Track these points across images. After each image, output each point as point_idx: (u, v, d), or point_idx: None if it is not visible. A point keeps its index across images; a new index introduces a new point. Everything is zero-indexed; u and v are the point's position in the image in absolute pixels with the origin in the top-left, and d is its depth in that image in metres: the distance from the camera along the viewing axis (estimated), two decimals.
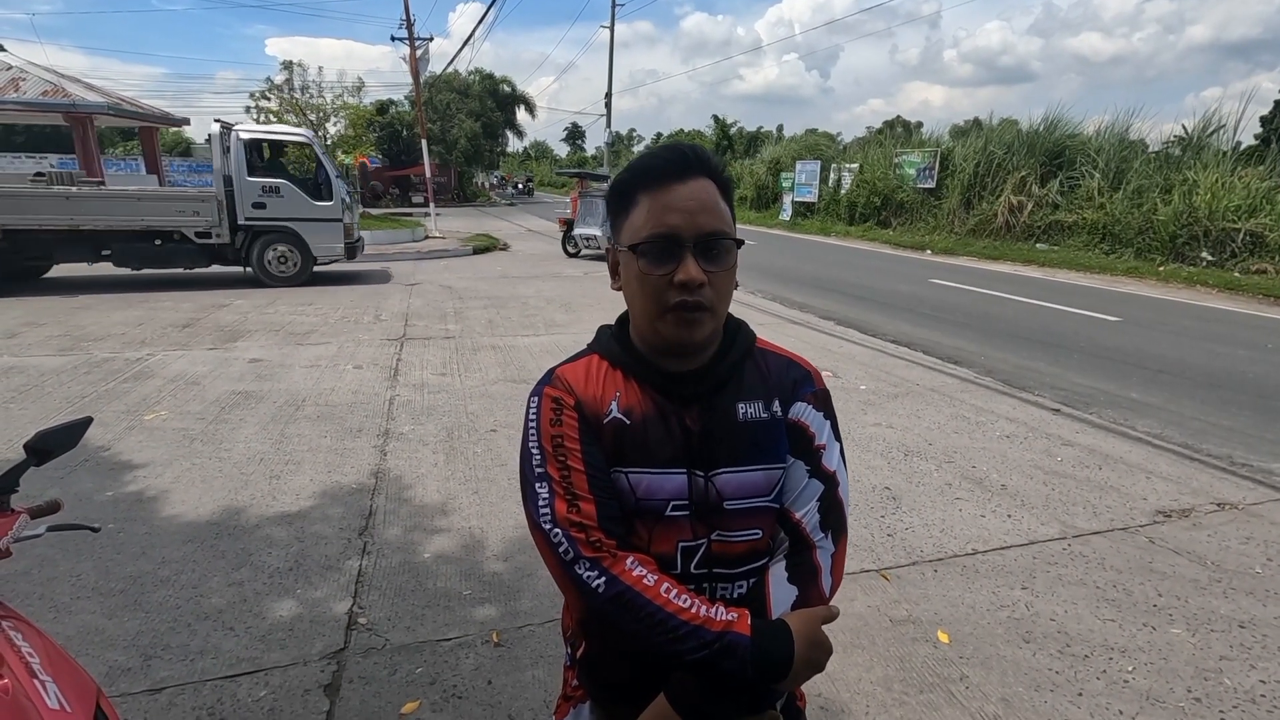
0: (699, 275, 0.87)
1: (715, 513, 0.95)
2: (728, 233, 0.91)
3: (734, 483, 0.95)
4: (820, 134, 30.83)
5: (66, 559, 2.79)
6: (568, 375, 0.97)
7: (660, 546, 0.94)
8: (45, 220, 9.24)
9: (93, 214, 9.39)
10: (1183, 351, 6.97)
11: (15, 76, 13.90)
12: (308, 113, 19.39)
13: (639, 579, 0.87)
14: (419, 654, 2.31)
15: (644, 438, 0.94)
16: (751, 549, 0.97)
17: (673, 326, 0.90)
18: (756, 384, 0.98)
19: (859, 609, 2.61)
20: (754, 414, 0.96)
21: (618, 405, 0.95)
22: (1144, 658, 2.36)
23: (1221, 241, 12.32)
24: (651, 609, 0.86)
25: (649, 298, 0.90)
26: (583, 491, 0.90)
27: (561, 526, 0.89)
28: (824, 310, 8.92)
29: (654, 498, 0.94)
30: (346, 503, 3.37)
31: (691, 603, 0.87)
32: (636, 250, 0.90)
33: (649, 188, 0.91)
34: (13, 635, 1.02)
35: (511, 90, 39.60)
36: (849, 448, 4.06)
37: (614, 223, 0.96)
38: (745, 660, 0.84)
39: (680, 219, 0.88)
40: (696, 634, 0.85)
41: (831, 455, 0.99)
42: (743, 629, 0.86)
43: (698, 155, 0.92)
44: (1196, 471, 3.99)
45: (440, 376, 5.57)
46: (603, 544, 0.89)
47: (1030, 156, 16.55)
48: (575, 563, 0.88)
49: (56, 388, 5.02)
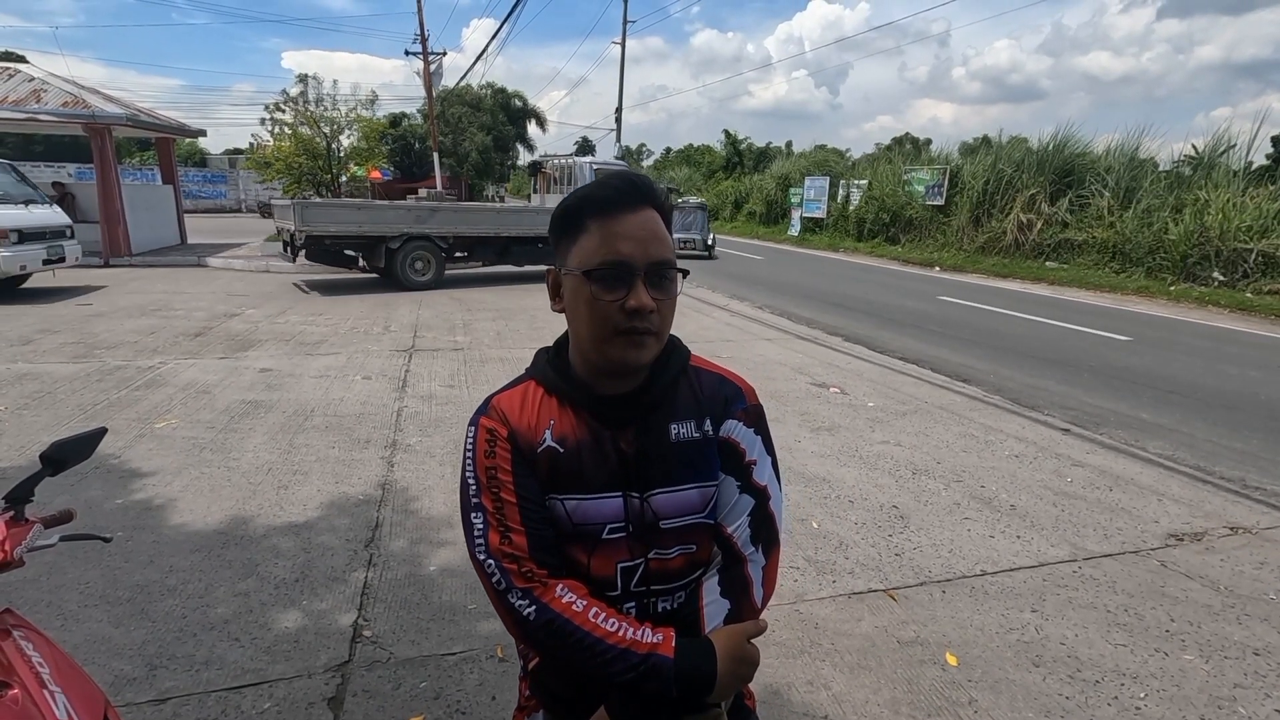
0: (649, 302, 0.91)
1: (652, 532, 0.98)
2: (674, 262, 0.95)
3: (669, 502, 0.98)
4: (829, 150, 30.89)
5: (75, 566, 2.80)
6: (503, 405, 1.00)
7: (600, 569, 0.97)
8: (476, 229, 11.95)
9: (506, 225, 12.24)
10: (1194, 372, 6.92)
11: (37, 88, 14.15)
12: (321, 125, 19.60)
13: (568, 605, 0.91)
14: (423, 668, 2.30)
15: (578, 464, 0.97)
16: (690, 562, 1.01)
17: (621, 349, 0.93)
18: (689, 403, 1.01)
19: (866, 629, 2.59)
20: (686, 434, 1.00)
21: (551, 434, 0.98)
22: (1156, 684, 2.32)
23: (1233, 261, 12.26)
24: (580, 635, 0.90)
25: (598, 322, 0.92)
26: (514, 524, 0.94)
27: (494, 557, 0.93)
28: (832, 326, 8.91)
29: (590, 522, 0.97)
30: (353, 514, 3.38)
31: (619, 626, 0.91)
32: (590, 275, 0.92)
33: (600, 215, 0.93)
34: (24, 646, 1.03)
35: (523, 104, 39.95)
36: (857, 465, 4.08)
37: (559, 246, 0.99)
38: (669, 680, 0.88)
39: (632, 247, 0.91)
40: (623, 657, 0.89)
41: (763, 470, 1.02)
42: (667, 651, 0.90)
43: (646, 185, 0.96)
44: (1209, 494, 3.94)
45: (448, 388, 5.59)
46: (534, 574, 0.92)
47: (1040, 174, 16.55)
48: (508, 592, 0.92)
49: (69, 395, 5.07)
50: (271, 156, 19.85)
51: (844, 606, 2.74)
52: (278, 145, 19.95)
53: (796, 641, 2.51)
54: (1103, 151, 16.57)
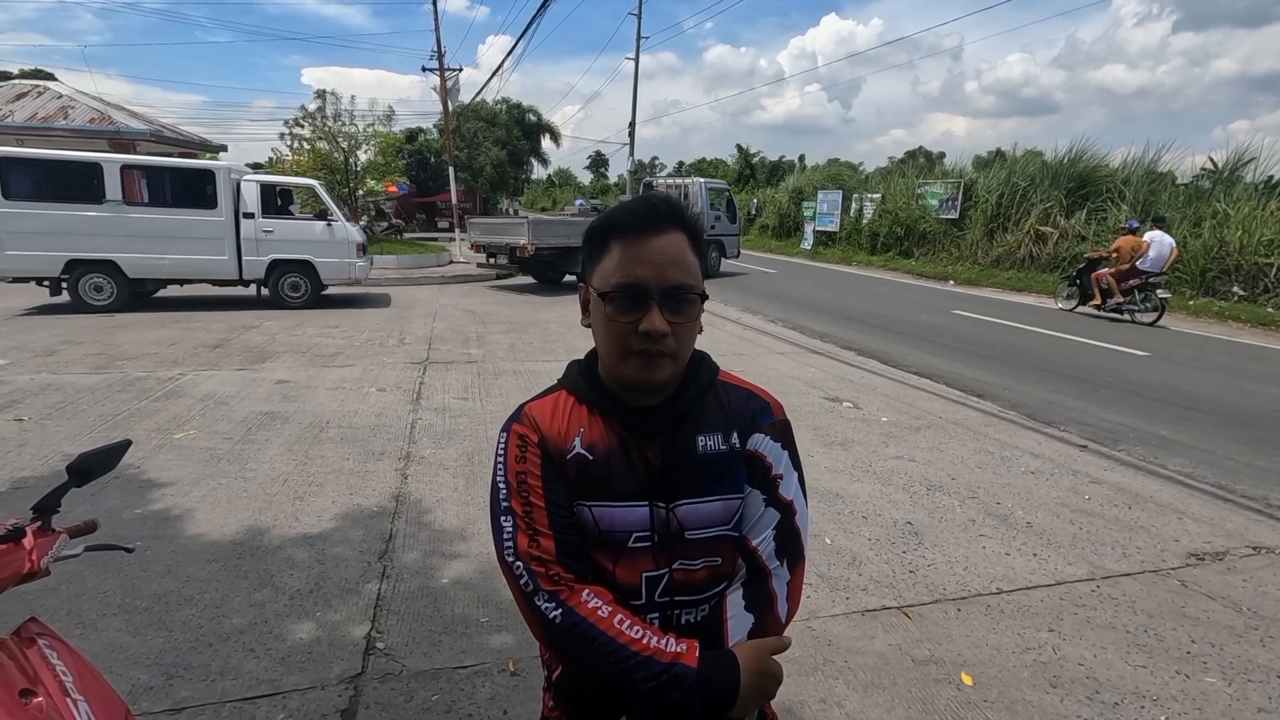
0: (663, 326, 0.92)
1: (677, 542, 0.99)
2: (694, 287, 0.95)
3: (694, 513, 0.99)
4: (842, 164, 30.96)
5: (95, 576, 2.84)
6: (535, 412, 1.02)
7: (625, 576, 0.98)
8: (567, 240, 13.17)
9: None
10: (1214, 388, 6.82)
11: (65, 104, 14.53)
12: (339, 139, 19.93)
13: (593, 610, 0.92)
14: (435, 681, 2.31)
15: (606, 472, 0.98)
16: (714, 575, 1.01)
17: (635, 369, 0.94)
18: (717, 417, 1.02)
19: (879, 647, 2.57)
20: (713, 446, 1.01)
21: (581, 441, 0.99)
22: (1177, 707, 2.28)
23: (1254, 276, 12.10)
24: (604, 640, 0.90)
25: (614, 341, 0.95)
26: (543, 528, 0.95)
27: (523, 560, 0.94)
28: (845, 340, 8.88)
29: (616, 530, 0.98)
30: (367, 525, 3.40)
31: (643, 634, 0.91)
32: (605, 297, 0.94)
33: (622, 237, 0.95)
34: (48, 654, 1.05)
35: (537, 119, 40.37)
36: (871, 480, 4.06)
37: (588, 265, 1.01)
38: (692, 691, 0.88)
39: (648, 271, 0.92)
40: (646, 665, 0.89)
41: (789, 485, 1.03)
42: (690, 661, 0.90)
43: (670, 207, 0.97)
44: (1231, 513, 3.88)
45: (462, 400, 5.62)
46: (561, 578, 0.93)
47: (1055, 188, 16.46)
48: (535, 595, 0.93)
49: (91, 405, 5.15)
50: (290, 171, 20.20)
51: (857, 624, 2.72)
52: (296, 160, 20.33)
53: (809, 659, 2.49)
54: (1119, 165, 16.47)
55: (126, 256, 9.61)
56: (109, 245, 9.48)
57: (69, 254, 9.39)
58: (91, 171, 9.38)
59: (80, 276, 9.53)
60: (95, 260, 9.51)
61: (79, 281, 9.53)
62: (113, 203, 9.41)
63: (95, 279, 9.59)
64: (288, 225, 10.53)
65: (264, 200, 10.19)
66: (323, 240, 10.53)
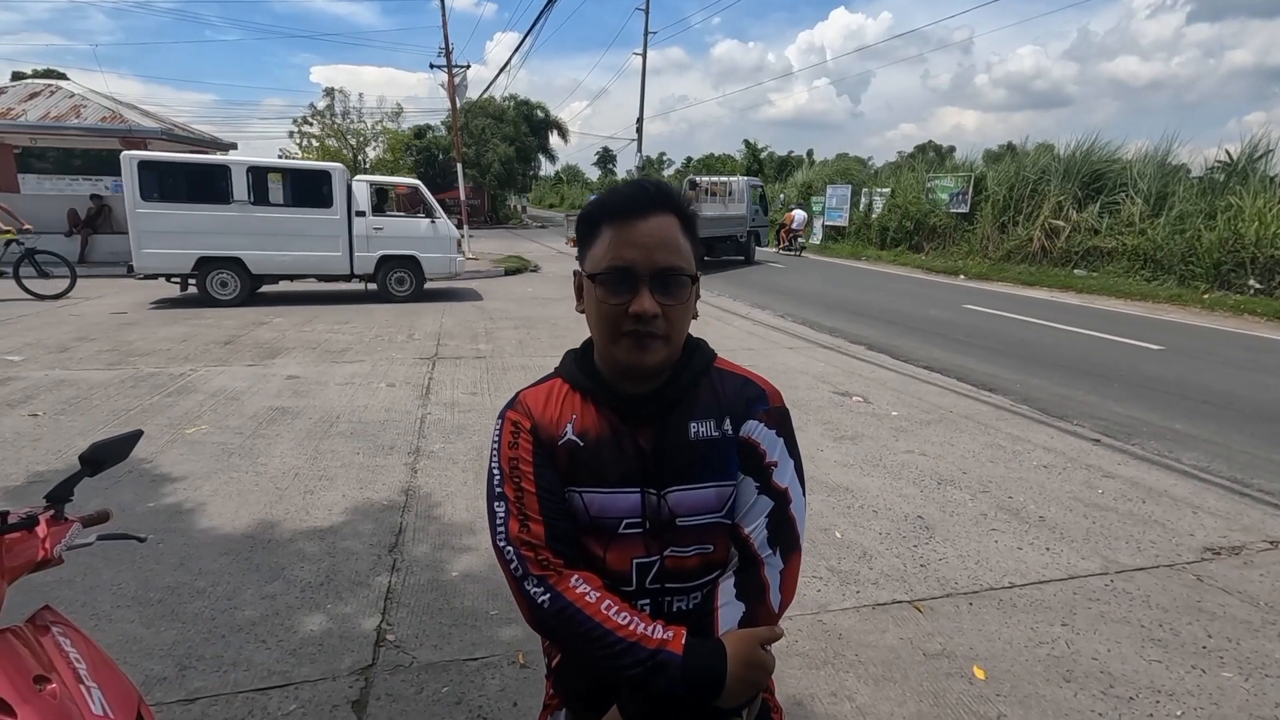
0: (653, 308, 0.92)
1: (668, 529, 0.99)
2: (684, 269, 0.95)
3: (686, 500, 0.99)
4: (851, 158, 30.82)
5: (109, 568, 2.86)
6: (529, 399, 1.04)
7: (616, 563, 0.99)
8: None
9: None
10: (1230, 382, 6.74)
11: (77, 104, 14.64)
12: (348, 137, 20.01)
13: (581, 595, 0.92)
14: (445, 673, 2.31)
15: (597, 458, 0.98)
16: (706, 562, 1.01)
17: (626, 351, 0.95)
18: (710, 403, 1.02)
19: (890, 640, 2.55)
20: (705, 432, 1.00)
21: (573, 428, 1.00)
22: (1193, 702, 2.26)
23: (1270, 269, 11.95)
24: (590, 625, 0.90)
25: (605, 323, 0.95)
26: (533, 513, 0.96)
27: (513, 544, 0.95)
28: (855, 335, 8.84)
29: (606, 516, 0.98)
30: (377, 519, 3.42)
31: (630, 620, 0.91)
32: (596, 279, 0.94)
33: (612, 221, 0.95)
34: (62, 642, 1.06)
35: (545, 115, 40.38)
36: (881, 474, 4.04)
37: (581, 250, 1.01)
38: (676, 678, 0.88)
39: (637, 254, 0.92)
40: (632, 651, 0.89)
41: (783, 472, 1.02)
42: (676, 648, 0.89)
43: (660, 191, 0.97)
44: (1247, 507, 3.83)
45: (471, 395, 5.63)
46: (550, 563, 0.94)
47: (1067, 181, 16.29)
48: (524, 579, 0.94)
49: (104, 401, 5.20)
50: None
51: (868, 617, 2.71)
52: (305, 157, 20.40)
53: (820, 652, 2.48)
54: (1132, 157, 16.27)
55: (251, 254, 9.94)
56: (236, 243, 9.86)
57: (200, 251, 9.76)
58: (220, 173, 9.78)
59: (209, 273, 9.86)
60: (223, 257, 9.86)
61: (207, 278, 9.86)
62: (240, 203, 9.75)
63: (222, 275, 9.93)
64: (396, 223, 10.96)
65: (374, 199, 10.58)
66: (427, 237, 10.90)
